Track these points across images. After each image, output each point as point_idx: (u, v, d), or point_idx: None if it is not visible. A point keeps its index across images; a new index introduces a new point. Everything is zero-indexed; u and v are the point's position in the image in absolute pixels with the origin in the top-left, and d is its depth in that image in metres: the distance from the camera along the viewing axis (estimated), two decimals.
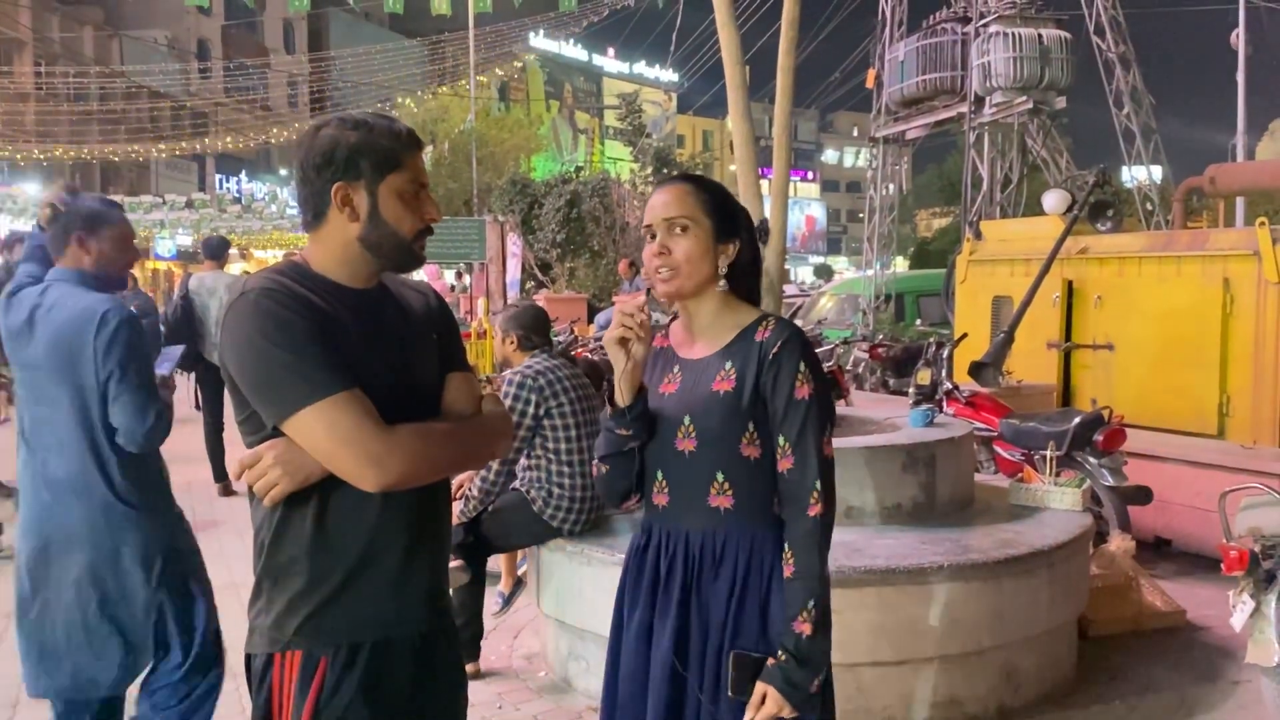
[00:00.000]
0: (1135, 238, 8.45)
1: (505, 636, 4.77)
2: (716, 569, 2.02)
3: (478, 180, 22.75)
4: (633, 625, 2.10)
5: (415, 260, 1.86)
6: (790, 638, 1.94)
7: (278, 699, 1.75)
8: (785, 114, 5.87)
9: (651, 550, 2.10)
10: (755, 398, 2.00)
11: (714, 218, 2.05)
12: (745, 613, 1.99)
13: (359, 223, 1.77)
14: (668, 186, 2.10)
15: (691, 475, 2.04)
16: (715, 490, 2.02)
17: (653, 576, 2.08)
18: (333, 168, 1.75)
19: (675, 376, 2.10)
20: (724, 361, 2.04)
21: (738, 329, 2.07)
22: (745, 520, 2.02)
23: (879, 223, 18.11)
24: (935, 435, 4.53)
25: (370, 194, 1.77)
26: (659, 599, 2.06)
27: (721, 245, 2.06)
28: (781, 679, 1.92)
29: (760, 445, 2.02)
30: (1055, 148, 15.93)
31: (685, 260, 2.03)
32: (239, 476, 1.75)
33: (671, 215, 2.04)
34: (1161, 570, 5.62)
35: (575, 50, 51.26)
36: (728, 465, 2.02)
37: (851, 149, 70.81)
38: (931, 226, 41.23)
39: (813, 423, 1.98)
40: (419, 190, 1.82)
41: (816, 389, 2.00)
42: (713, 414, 2.01)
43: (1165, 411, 6.97)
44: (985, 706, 3.85)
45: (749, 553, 2.01)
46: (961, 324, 9.02)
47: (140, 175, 41.52)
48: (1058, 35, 14.90)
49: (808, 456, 1.97)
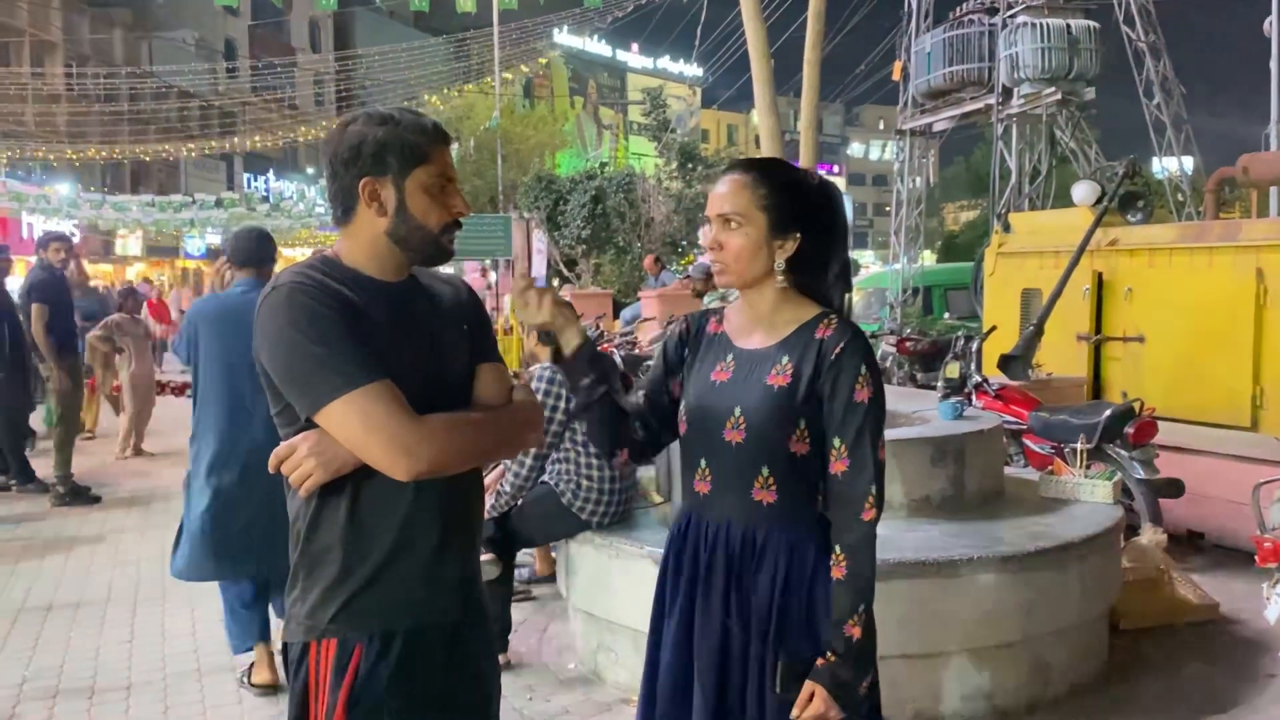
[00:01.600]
0: (1166, 229, 8.37)
1: (535, 628, 4.79)
2: (757, 564, 2.01)
3: (503, 177, 22.81)
4: (674, 617, 2.08)
5: (443, 253, 1.87)
6: (840, 640, 1.93)
7: (313, 686, 1.77)
8: (811, 107, 5.87)
9: (690, 539, 2.09)
10: (810, 395, 1.98)
11: (771, 212, 2.00)
12: (789, 613, 1.99)
13: (386, 217, 1.79)
14: (727, 177, 2.06)
15: (736, 467, 2.02)
16: (759, 484, 2.00)
17: (692, 567, 2.07)
18: (360, 163, 1.78)
19: (728, 365, 2.08)
20: (781, 355, 2.02)
21: (797, 323, 2.03)
22: (787, 517, 2.01)
23: (906, 216, 18.02)
24: (964, 428, 4.52)
25: (397, 189, 1.78)
26: (699, 592, 2.05)
27: (778, 240, 2.01)
28: (830, 679, 1.92)
29: (809, 443, 1.99)
30: (1084, 139, 15.78)
31: (734, 259, 2.02)
32: (275, 469, 1.78)
33: (725, 211, 2.02)
34: (1194, 564, 5.57)
35: (599, 46, 51.29)
36: (774, 460, 1.99)
37: (878, 142, 70.44)
38: (959, 219, 40.95)
39: (870, 426, 1.96)
40: (446, 184, 1.83)
41: (875, 393, 1.98)
42: (765, 408, 1.98)
43: (1197, 404, 6.90)
44: (1015, 700, 3.83)
45: (790, 551, 2.00)
46: (990, 317, 8.97)
47: (170, 174, 41.94)
48: (1086, 25, 14.76)
49: (864, 461, 1.95)
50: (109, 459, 9.28)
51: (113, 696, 4.11)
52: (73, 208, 27.96)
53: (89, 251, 30.94)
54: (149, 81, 39.45)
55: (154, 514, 7.21)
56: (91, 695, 4.12)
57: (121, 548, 6.31)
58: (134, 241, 35.64)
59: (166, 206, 28.94)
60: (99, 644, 4.68)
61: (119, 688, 4.20)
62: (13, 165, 32.04)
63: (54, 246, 7.77)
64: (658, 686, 2.11)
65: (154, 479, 8.52)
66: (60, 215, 27.08)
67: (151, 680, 4.26)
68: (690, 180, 19.75)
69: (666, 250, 17.79)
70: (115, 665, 4.44)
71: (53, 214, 26.91)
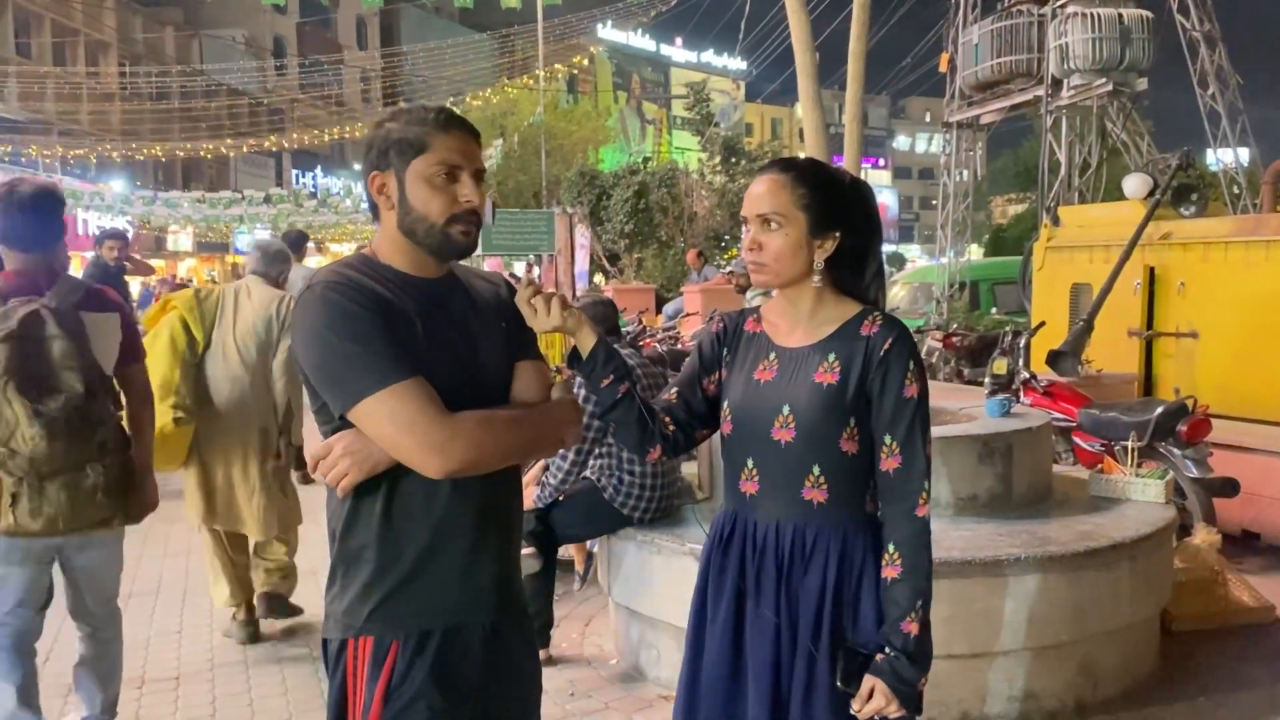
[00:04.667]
0: (1221, 222, 8.19)
1: (576, 624, 4.80)
2: (806, 564, 1.99)
3: (546, 172, 22.88)
4: (718, 618, 2.06)
5: (452, 245, 1.83)
6: (899, 636, 1.93)
7: (351, 683, 1.78)
8: (856, 100, 5.82)
9: (736, 540, 2.06)
10: (859, 393, 1.97)
11: (810, 211, 1.99)
12: (840, 612, 1.98)
13: (394, 210, 1.81)
14: (764, 176, 2.04)
15: (786, 466, 2.00)
16: (810, 483, 1.99)
17: (738, 568, 2.05)
18: (369, 159, 1.83)
19: (771, 364, 2.06)
20: (826, 353, 2.00)
21: (839, 321, 2.03)
22: (837, 515, 1.99)
23: (953, 209, 17.79)
24: (1012, 425, 4.45)
25: (398, 180, 1.80)
26: (748, 593, 2.03)
27: (818, 240, 2.00)
28: (892, 675, 1.91)
29: (858, 441, 1.98)
30: (1136, 131, 15.47)
31: (774, 259, 2.00)
32: (313, 469, 1.79)
33: (763, 211, 2.00)
34: (1249, 565, 5.45)
35: (643, 40, 51.25)
36: (825, 459, 1.98)
37: (924, 135, 69.74)
38: (1007, 213, 40.40)
39: (920, 422, 1.96)
40: (450, 172, 1.80)
41: (923, 388, 1.98)
42: (815, 405, 1.97)
43: (1253, 400, 6.75)
44: (1063, 702, 3.77)
45: (840, 549, 1.98)
46: (1039, 312, 8.85)
47: (220, 171, 42.59)
48: (1139, 15, 14.45)
49: (915, 456, 1.95)
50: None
51: (162, 686, 4.18)
52: (126, 204, 28.47)
53: (142, 248, 31.51)
54: (199, 79, 40.08)
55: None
56: (142, 685, 4.19)
57: (171, 539, 6.41)
58: (185, 237, 36.21)
59: (216, 203, 29.36)
60: (149, 634, 4.75)
61: (168, 678, 4.26)
62: (69, 163, 32.68)
63: (108, 244, 7.92)
64: (699, 685, 2.09)
65: None
66: (114, 212, 27.58)
67: (199, 670, 4.33)
68: (734, 174, 19.69)
69: (709, 245, 17.76)
70: (165, 656, 4.51)
71: (106, 211, 27.41)
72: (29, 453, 2.90)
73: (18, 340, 2.88)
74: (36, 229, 3.09)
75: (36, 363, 2.91)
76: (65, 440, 2.94)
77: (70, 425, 2.94)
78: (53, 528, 3.00)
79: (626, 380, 2.06)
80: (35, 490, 2.97)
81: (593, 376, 2.06)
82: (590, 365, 2.06)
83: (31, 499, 2.97)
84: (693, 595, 2.16)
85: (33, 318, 2.93)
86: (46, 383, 2.92)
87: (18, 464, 2.92)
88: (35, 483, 2.96)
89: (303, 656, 4.41)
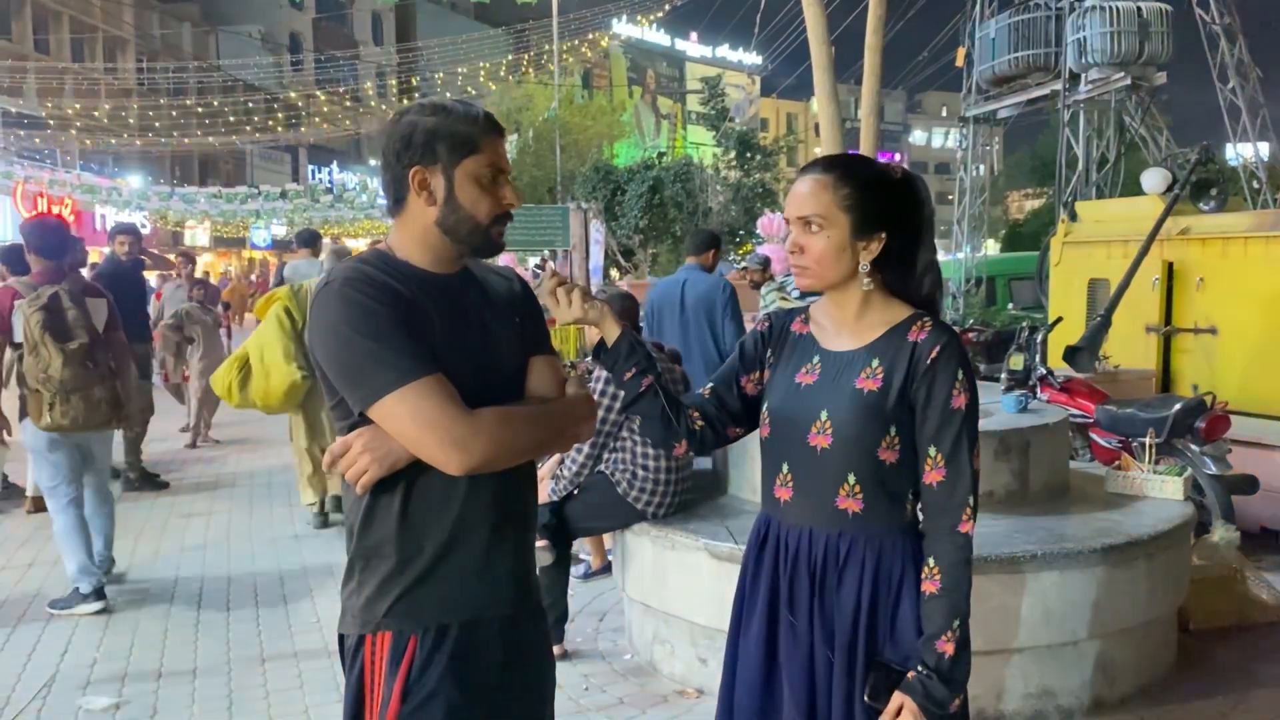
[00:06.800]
0: (1241, 217, 8.12)
1: (591, 619, 4.80)
2: (840, 575, 1.93)
3: (561, 168, 22.90)
4: (753, 623, 2.02)
5: (492, 245, 1.85)
6: (932, 655, 1.84)
7: (369, 678, 1.78)
8: (872, 94, 5.79)
9: (770, 548, 2.01)
10: (901, 401, 1.89)
11: (854, 213, 1.90)
12: (876, 625, 1.91)
13: (436, 207, 1.79)
14: (806, 176, 1.95)
15: (821, 473, 1.93)
16: (845, 492, 1.91)
17: (771, 577, 2.00)
18: (410, 152, 1.78)
19: (815, 367, 1.98)
20: (870, 358, 1.93)
21: (886, 325, 1.94)
22: (873, 526, 1.92)
23: (969, 204, 17.73)
24: (1029, 421, 4.43)
25: (446, 178, 1.78)
26: (783, 604, 1.98)
27: (862, 242, 1.92)
28: (923, 694, 1.83)
29: (899, 450, 1.91)
30: (1154, 125, 15.38)
31: (815, 262, 1.93)
32: (329, 466, 1.79)
33: (805, 213, 1.93)
34: (1268, 563, 5.41)
35: (658, 35, 51.20)
36: (861, 467, 1.90)
37: (940, 129, 69.48)
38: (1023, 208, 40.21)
39: (967, 434, 1.87)
40: (496, 175, 1.82)
41: (972, 398, 1.88)
42: (854, 412, 1.90)
43: (1272, 397, 6.70)
44: (1079, 699, 3.75)
45: (875, 561, 1.91)
46: (1056, 308, 8.80)
47: (237, 167, 42.82)
48: (1158, 8, 14.36)
49: (962, 470, 1.86)
50: (178, 445, 9.49)
51: (178, 680, 4.20)
52: (143, 200, 28.63)
53: (159, 243, 31.68)
54: (216, 75, 40.26)
55: (220, 500, 7.36)
56: (159, 678, 4.21)
57: (189, 534, 6.45)
58: (202, 232, 36.42)
59: (233, 198, 29.49)
60: (165, 628, 4.79)
61: (184, 672, 4.29)
62: (86, 158, 32.88)
63: (120, 239, 7.93)
64: (734, 699, 2.05)
65: (221, 465, 8.70)
66: (131, 207, 27.73)
67: (216, 665, 4.35)
68: (748, 169, 19.66)
69: (724, 240, 17.73)
70: (181, 650, 4.53)
71: (124, 206, 27.57)
72: (59, 377, 4.72)
73: (48, 309, 4.77)
74: (54, 245, 5.03)
75: (60, 321, 4.79)
76: (79, 368, 4.78)
77: (81, 361, 4.80)
78: (75, 425, 4.81)
79: (650, 373, 2.03)
80: (64, 400, 4.76)
81: (616, 368, 2.04)
82: (614, 357, 2.04)
83: (62, 406, 4.76)
84: (734, 597, 2.11)
85: (55, 296, 4.82)
86: (67, 333, 4.79)
87: (51, 384, 4.73)
88: (64, 395, 4.75)
89: (319, 651, 4.43)
